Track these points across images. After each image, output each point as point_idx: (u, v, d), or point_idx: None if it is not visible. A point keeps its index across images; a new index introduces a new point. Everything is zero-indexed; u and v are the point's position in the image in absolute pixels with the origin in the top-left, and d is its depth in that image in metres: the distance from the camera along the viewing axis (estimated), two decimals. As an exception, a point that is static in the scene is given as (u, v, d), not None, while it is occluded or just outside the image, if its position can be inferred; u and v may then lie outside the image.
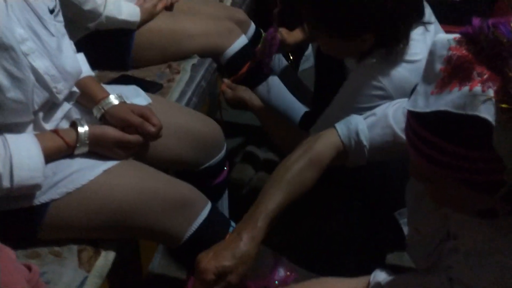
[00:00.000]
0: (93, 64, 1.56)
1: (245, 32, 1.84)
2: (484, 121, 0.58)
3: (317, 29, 1.23)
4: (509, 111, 0.56)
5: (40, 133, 1.03)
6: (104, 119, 1.12)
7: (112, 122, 1.11)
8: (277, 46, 1.61)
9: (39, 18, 0.99)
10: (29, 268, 0.76)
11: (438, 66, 0.63)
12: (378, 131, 1.01)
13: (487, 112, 0.58)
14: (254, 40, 1.85)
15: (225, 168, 1.41)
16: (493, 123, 0.58)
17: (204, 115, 1.39)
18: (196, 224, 1.09)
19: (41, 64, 0.99)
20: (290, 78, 1.78)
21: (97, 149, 1.07)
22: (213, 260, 0.86)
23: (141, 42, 1.58)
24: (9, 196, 0.95)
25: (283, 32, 1.64)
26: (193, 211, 1.10)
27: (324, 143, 1.01)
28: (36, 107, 1.00)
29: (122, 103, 1.14)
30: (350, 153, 1.02)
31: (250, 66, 1.69)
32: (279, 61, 1.85)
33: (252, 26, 1.89)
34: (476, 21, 0.61)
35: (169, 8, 1.71)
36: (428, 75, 0.65)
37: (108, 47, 1.57)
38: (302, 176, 0.97)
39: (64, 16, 1.11)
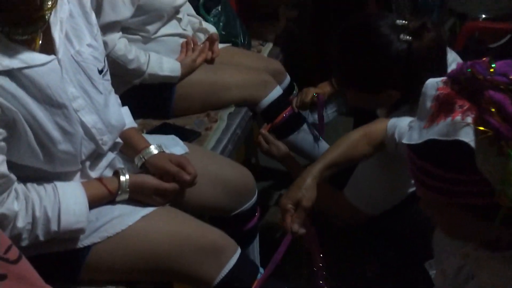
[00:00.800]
0: (137, 113, 1.68)
1: (281, 81, 1.93)
2: (465, 144, 0.65)
3: (344, 83, 1.30)
4: (486, 133, 0.63)
5: (86, 181, 1.12)
6: (145, 168, 1.21)
7: (151, 170, 1.20)
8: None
9: (89, 78, 1.09)
10: None
11: (429, 104, 0.71)
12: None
13: (466, 136, 0.65)
14: (288, 90, 1.93)
15: (256, 213, 1.47)
16: (473, 145, 0.65)
17: (236, 163, 1.46)
18: (226, 270, 1.15)
19: (90, 119, 1.09)
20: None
21: (137, 196, 1.16)
22: (287, 196, 1.14)
23: (182, 93, 1.69)
24: (55, 238, 1.04)
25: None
26: (223, 257, 1.15)
27: (379, 125, 1.20)
28: (84, 157, 1.10)
29: (161, 152, 1.23)
30: (386, 140, 1.17)
31: (284, 116, 1.77)
32: (310, 112, 1.93)
33: (288, 78, 1.98)
34: (458, 64, 0.69)
35: (209, 61, 1.82)
36: (421, 112, 0.73)
37: (151, 98, 1.68)
38: (356, 144, 1.19)
39: (111, 72, 1.22)
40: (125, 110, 1.30)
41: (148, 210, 1.15)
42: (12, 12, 0.90)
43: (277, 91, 1.79)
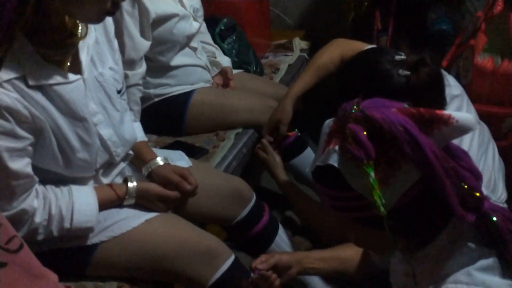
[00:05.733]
0: (154, 131, 1.83)
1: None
2: (333, 167, 0.79)
3: None
4: (351, 160, 0.77)
5: (98, 186, 1.26)
6: (150, 177, 1.34)
7: (156, 179, 1.33)
8: None
9: (109, 97, 1.22)
10: None
11: (323, 139, 0.85)
12: None
13: (334, 161, 0.79)
14: (295, 115, 2.05)
15: (264, 216, 1.53)
16: (338, 167, 0.78)
17: (231, 175, 1.58)
18: (219, 273, 1.25)
19: (107, 132, 1.21)
20: None
21: (142, 201, 1.28)
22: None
23: (194, 113, 1.83)
24: (67, 235, 1.17)
25: None
26: (217, 261, 1.26)
27: None
28: (98, 166, 1.23)
29: (166, 164, 1.36)
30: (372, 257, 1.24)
31: (288, 139, 1.89)
32: None
33: None
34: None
35: (224, 86, 1.98)
36: (318, 148, 0.87)
37: (166, 117, 1.83)
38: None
39: None
40: (138, 125, 1.44)
41: (152, 214, 1.27)
42: (51, 35, 1.05)
43: None
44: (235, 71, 2.05)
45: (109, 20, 1.24)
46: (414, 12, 2.07)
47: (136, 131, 1.38)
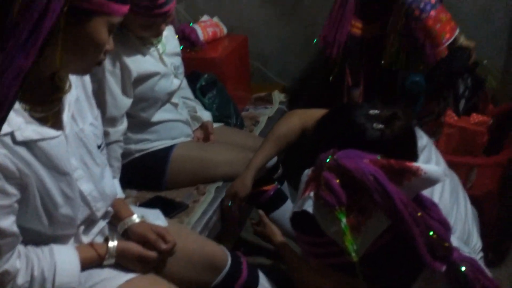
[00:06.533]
0: (134, 186, 1.83)
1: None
2: (308, 212, 0.82)
3: None
4: (324, 206, 0.80)
5: (79, 245, 1.25)
6: (126, 234, 1.34)
7: (132, 237, 1.32)
8: None
9: (89, 152, 1.24)
10: None
11: (302, 187, 0.89)
12: None
13: (309, 206, 0.83)
14: (273, 168, 2.08)
15: (241, 277, 1.47)
16: (312, 212, 0.81)
17: (206, 240, 1.55)
18: None
19: (87, 187, 1.22)
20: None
21: (122, 261, 1.27)
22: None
23: (175, 167, 1.85)
24: (47, 297, 1.16)
25: None
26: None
27: None
28: (79, 222, 1.23)
29: (143, 222, 1.36)
30: None
31: (268, 192, 1.91)
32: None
33: (275, 157, 2.13)
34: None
35: (205, 139, 2.02)
36: (298, 196, 0.90)
37: (147, 171, 1.85)
38: None
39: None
40: (116, 181, 1.45)
41: (132, 275, 1.26)
42: (37, 91, 1.07)
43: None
44: (215, 125, 2.10)
45: (87, 78, 1.27)
46: (384, 71, 2.17)
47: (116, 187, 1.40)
